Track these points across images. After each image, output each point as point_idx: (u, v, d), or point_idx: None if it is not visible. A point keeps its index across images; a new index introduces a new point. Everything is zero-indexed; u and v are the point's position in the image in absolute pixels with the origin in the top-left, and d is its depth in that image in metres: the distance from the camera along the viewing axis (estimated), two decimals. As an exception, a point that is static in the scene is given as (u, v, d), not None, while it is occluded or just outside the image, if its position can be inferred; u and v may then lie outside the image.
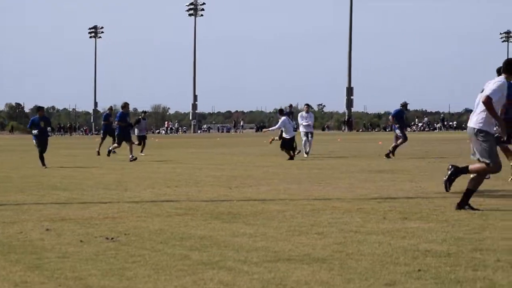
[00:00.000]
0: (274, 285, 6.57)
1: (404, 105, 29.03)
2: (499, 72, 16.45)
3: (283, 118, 28.70)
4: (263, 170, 21.60)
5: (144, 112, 38.32)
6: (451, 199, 13.03)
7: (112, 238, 9.19)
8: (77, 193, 15.27)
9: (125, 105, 30.46)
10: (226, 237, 9.18)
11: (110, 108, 38.12)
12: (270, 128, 31.05)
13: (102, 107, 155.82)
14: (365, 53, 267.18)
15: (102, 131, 36.50)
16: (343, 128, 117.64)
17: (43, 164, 24.80)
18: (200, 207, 12.47)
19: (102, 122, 37.77)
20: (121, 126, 29.56)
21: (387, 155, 27.56)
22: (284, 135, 28.31)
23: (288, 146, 28.11)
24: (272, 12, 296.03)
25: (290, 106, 35.43)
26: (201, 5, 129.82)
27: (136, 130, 34.75)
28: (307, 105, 31.99)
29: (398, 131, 28.44)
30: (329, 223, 10.22)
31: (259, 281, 6.73)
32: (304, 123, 30.12)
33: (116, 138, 30.14)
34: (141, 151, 34.00)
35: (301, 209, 11.88)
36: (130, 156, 28.19)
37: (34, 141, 25.78)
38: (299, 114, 30.94)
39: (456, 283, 6.50)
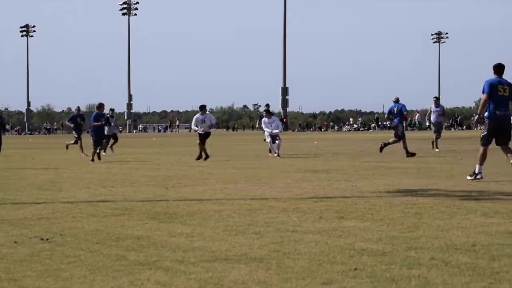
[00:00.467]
0: (212, 285, 6.56)
1: (396, 100, 28.47)
2: (496, 68, 16.76)
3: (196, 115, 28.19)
4: (199, 170, 21.57)
5: (112, 110, 37.28)
6: (386, 198, 13.19)
7: (47, 239, 9.07)
8: (11, 193, 15.04)
9: (100, 106, 29.32)
10: (163, 237, 9.15)
11: (78, 109, 36.50)
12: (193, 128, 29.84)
13: (35, 107, 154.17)
14: (301, 53, 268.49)
15: (76, 132, 34.68)
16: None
17: None
18: (137, 207, 12.40)
19: (67, 123, 36.58)
20: (96, 128, 28.27)
21: (411, 154, 27.06)
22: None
23: (202, 140, 27.23)
24: (208, 11, 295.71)
25: (267, 106, 33.49)
26: (134, 4, 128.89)
27: (106, 129, 33.43)
28: (268, 111, 31.07)
29: (401, 129, 27.90)
30: (266, 223, 10.24)
31: (196, 281, 6.72)
32: (268, 129, 29.46)
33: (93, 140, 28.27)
34: (112, 149, 34.13)
35: (237, 209, 11.89)
36: (91, 159, 27.57)
37: None
38: (263, 120, 30.13)
39: (391, 282, 6.58)
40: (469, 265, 7.21)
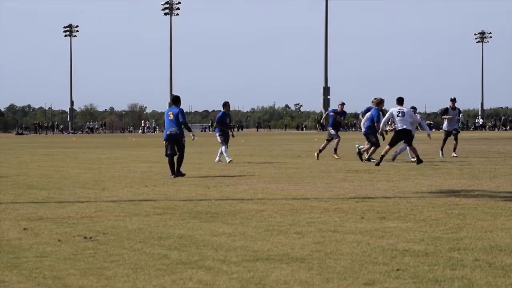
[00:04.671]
0: (253, 285, 6.58)
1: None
2: None
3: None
4: (240, 170, 21.58)
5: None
6: (428, 199, 13.11)
7: (90, 238, 9.16)
8: (54, 192, 15.19)
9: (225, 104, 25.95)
10: (204, 237, 9.18)
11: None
12: None
13: (78, 106, 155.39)
14: (342, 52, 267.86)
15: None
16: (318, 128, 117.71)
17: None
18: (179, 206, 12.45)
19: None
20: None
21: None
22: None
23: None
24: (248, 11, 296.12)
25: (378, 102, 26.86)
26: (176, 4, 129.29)
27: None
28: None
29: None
30: (308, 223, 10.24)
31: (238, 280, 6.74)
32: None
33: None
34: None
35: (279, 209, 11.89)
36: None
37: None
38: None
39: (434, 282, 6.54)
40: (514, 266, 7.14)
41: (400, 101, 23.61)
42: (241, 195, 14.09)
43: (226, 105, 25.77)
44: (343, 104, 28.58)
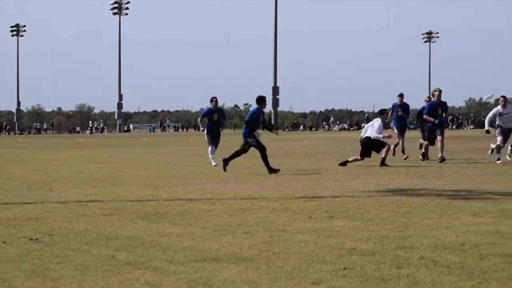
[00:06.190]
0: (201, 285, 6.57)
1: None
2: None
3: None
4: (189, 170, 21.54)
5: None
6: (376, 198, 13.21)
7: (36, 239, 9.06)
8: (0, 193, 14.98)
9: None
10: (152, 237, 9.14)
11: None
12: None
13: (25, 107, 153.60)
14: (291, 52, 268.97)
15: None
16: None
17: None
18: (126, 207, 12.38)
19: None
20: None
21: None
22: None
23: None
24: (198, 11, 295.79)
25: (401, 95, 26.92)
26: (125, 3, 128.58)
27: None
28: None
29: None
30: (256, 222, 10.25)
31: (186, 281, 6.73)
32: None
33: None
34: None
35: (227, 209, 11.89)
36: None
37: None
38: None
39: (380, 281, 6.59)
40: (458, 264, 7.23)
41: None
42: (190, 195, 14.06)
43: (262, 100, 21.33)
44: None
